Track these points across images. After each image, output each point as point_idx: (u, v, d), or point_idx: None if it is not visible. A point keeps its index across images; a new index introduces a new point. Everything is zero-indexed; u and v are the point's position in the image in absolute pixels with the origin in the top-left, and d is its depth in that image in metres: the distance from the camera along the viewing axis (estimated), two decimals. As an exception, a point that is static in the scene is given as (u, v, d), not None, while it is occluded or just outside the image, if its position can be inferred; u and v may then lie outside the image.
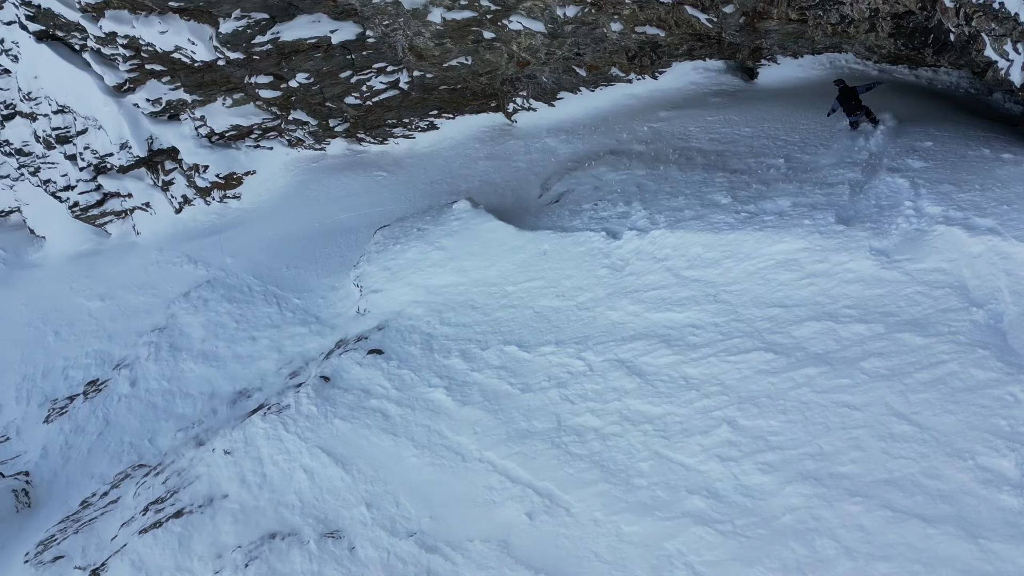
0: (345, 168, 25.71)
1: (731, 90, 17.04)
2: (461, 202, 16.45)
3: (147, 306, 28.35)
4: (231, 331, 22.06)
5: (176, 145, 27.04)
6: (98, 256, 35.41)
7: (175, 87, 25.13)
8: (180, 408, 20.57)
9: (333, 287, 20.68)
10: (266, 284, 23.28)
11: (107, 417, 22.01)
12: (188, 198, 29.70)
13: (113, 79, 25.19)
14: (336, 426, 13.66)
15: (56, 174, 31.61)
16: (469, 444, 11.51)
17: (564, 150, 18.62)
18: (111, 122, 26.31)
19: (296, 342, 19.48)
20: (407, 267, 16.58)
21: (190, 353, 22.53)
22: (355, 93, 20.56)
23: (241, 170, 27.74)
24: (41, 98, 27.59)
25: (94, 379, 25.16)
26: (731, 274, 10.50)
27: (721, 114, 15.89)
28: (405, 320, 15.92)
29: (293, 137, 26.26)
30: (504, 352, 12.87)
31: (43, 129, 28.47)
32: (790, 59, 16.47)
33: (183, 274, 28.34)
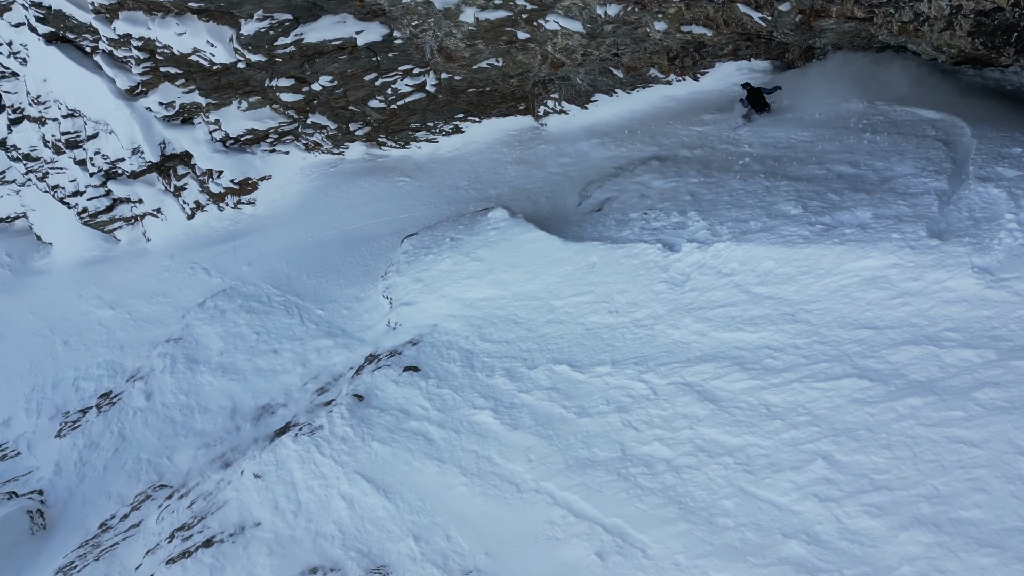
0: (365, 173, 24.99)
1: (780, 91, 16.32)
2: (497, 211, 15.73)
3: (160, 315, 27.66)
4: (251, 343, 21.34)
5: (190, 150, 26.32)
6: (107, 263, 34.70)
7: (189, 90, 24.42)
8: (199, 424, 19.85)
9: (358, 298, 19.95)
10: (286, 294, 22.56)
11: (123, 432, 21.29)
12: (201, 204, 28.99)
13: (125, 82, 24.48)
14: (375, 450, 12.92)
15: (64, 179, 30.91)
16: (524, 473, 10.78)
17: (600, 155, 17.91)
18: (123, 126, 25.60)
19: (322, 355, 18.75)
20: (441, 279, 15.85)
21: (208, 366, 21.81)
22: (379, 96, 19.85)
23: (256, 175, 27.02)
24: (50, 102, 26.88)
25: (107, 391, 24.47)
26: (810, 291, 9.78)
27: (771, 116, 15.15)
28: (441, 335, 15.18)
29: (310, 141, 25.55)
30: (554, 372, 12.15)
31: (52, 134, 27.75)
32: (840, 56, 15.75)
33: (197, 283, 27.66)
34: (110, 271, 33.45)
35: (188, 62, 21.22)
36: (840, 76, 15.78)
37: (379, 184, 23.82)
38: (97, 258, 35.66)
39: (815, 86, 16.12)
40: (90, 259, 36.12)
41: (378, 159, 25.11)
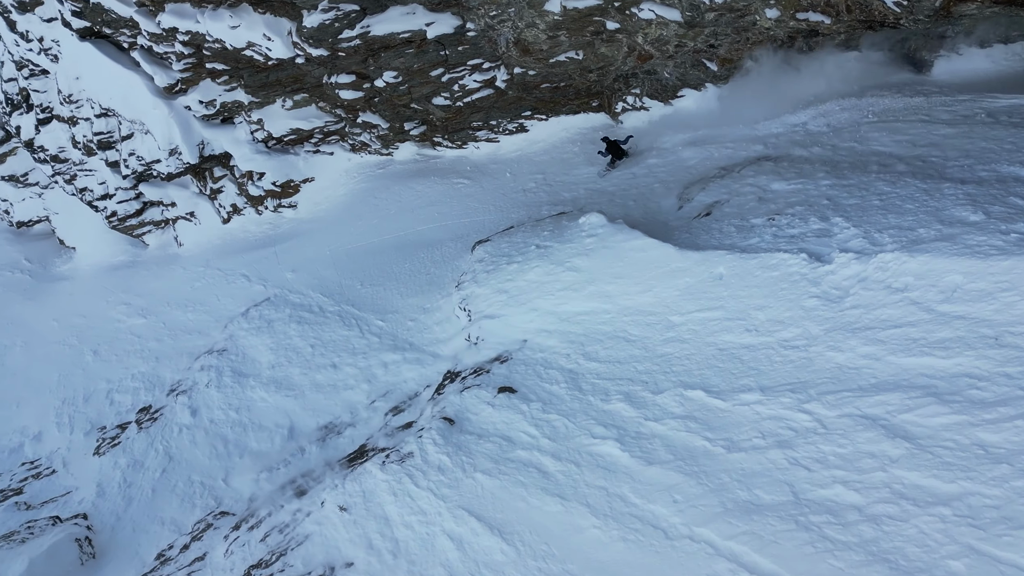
0: (417, 175, 23.75)
1: (898, 83, 15.07)
2: (591, 215, 14.48)
3: (197, 325, 26.43)
4: (306, 356, 20.11)
5: (230, 150, 25.12)
6: (135, 269, 33.48)
7: (231, 88, 23.23)
8: (254, 443, 18.62)
9: (423, 308, 18.71)
10: (340, 303, 21.33)
11: (169, 451, 20.07)
12: (238, 207, 27.79)
13: (164, 79, 23.27)
14: (480, 483, 11.66)
15: (93, 182, 29.70)
16: (670, 516, 9.51)
17: (692, 155, 16.65)
18: (160, 126, 24.39)
19: (389, 371, 17.51)
20: (529, 290, 14.60)
21: (259, 380, 20.59)
22: (445, 93, 18.62)
23: (299, 177, 25.80)
24: (83, 101, 25.67)
25: (146, 405, 23.25)
26: (1015, 311, 8.53)
27: (901, 111, 13.86)
28: (534, 352, 13.93)
29: (357, 142, 24.33)
30: (686, 398, 10.88)
31: (83, 134, 26.54)
32: (976, 49, 14.52)
33: (237, 290, 26.40)
34: (139, 277, 32.25)
35: (238, 57, 20.02)
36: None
37: (434, 186, 22.57)
38: (124, 263, 34.45)
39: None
40: (117, 265, 34.91)
41: (431, 160, 23.89)
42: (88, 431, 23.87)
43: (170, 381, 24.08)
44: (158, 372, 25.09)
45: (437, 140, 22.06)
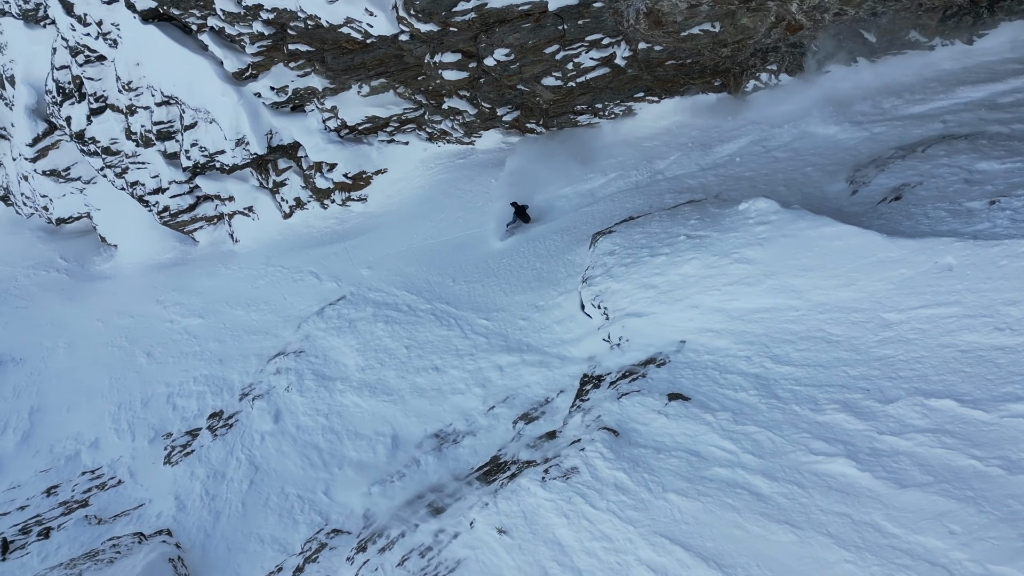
0: (503, 164, 22.20)
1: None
2: (759, 201, 12.92)
3: (263, 325, 24.91)
4: (400, 358, 18.61)
5: (300, 140, 23.63)
6: (186, 267, 32.02)
7: (304, 73, 21.74)
8: (353, 452, 17.09)
9: (536, 306, 17.16)
10: (431, 301, 19.80)
11: (253, 460, 18.58)
12: (301, 201, 26.32)
13: (235, 64, 21.79)
14: (676, 504, 10.09)
15: (146, 175, 28.21)
16: (951, 551, 7.94)
17: (847, 135, 15.11)
18: (227, 114, 22.91)
19: (507, 375, 15.96)
20: (686, 285, 13.04)
21: (348, 384, 19.08)
22: (557, 72, 17.11)
23: (371, 168, 24.30)
24: (142, 88, 24.20)
25: (216, 411, 21.79)
26: None
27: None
28: (699, 355, 12.37)
29: (436, 130, 22.81)
30: (931, 408, 9.32)
31: (141, 124, 25.06)
32: None
33: (305, 288, 24.90)
34: (192, 275, 30.76)
35: (324, 38, 18.51)
36: None
37: (527, 177, 21.03)
38: (173, 261, 32.96)
39: None
40: (164, 263, 33.43)
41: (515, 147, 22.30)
42: (152, 438, 22.42)
43: (239, 384, 22.62)
44: (224, 375, 23.63)
45: (530, 126, 20.52)
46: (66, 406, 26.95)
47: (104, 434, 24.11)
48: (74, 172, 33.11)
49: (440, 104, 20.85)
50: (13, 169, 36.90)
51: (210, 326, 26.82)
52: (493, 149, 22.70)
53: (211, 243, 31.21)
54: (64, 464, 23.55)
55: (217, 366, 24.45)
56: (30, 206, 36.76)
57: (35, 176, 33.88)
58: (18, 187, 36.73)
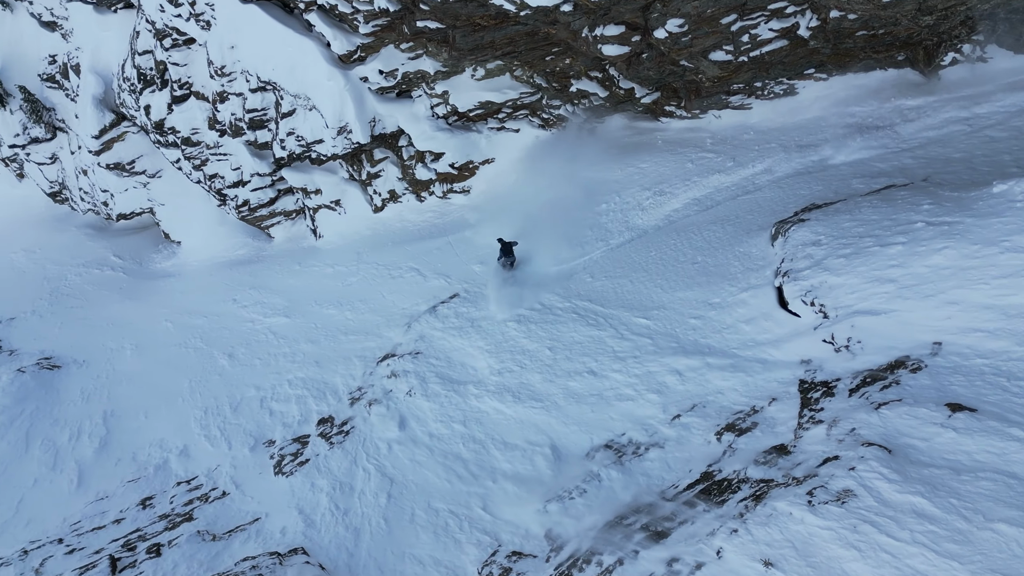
0: (633, 150, 20.56)
1: None
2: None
3: (361, 325, 23.35)
4: (544, 360, 17.04)
5: (405, 128, 22.10)
6: (263, 264, 30.50)
7: (415, 55, 20.23)
8: (506, 464, 15.52)
9: (709, 303, 15.54)
10: (570, 299, 18.23)
11: (384, 471, 17.05)
12: (396, 194, 24.81)
13: (343, 45, 20.30)
14: (1008, 536, 8.52)
15: (226, 167, 26.75)
16: None
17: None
18: (331, 100, 21.39)
19: (689, 380, 14.34)
20: (938, 278, 11.42)
21: (483, 388, 17.52)
22: (728, 46, 15.55)
23: (479, 158, 22.77)
24: (236, 74, 22.71)
25: (325, 416, 20.30)
26: None
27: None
28: (969, 358, 10.70)
29: (552, 116, 21.27)
30: None
31: (232, 113, 23.56)
32: None
33: (407, 285, 23.34)
34: (270, 273, 29.25)
35: (457, 14, 16.98)
36: None
37: (665, 163, 19.44)
38: (246, 258, 31.48)
39: None
40: (235, 260, 31.96)
41: (647, 133, 20.74)
42: (253, 446, 20.95)
43: (345, 388, 21.13)
44: (323, 378, 22.15)
45: (669, 109, 18.94)
46: (143, 411, 25.55)
47: (193, 441, 22.69)
48: (139, 165, 31.69)
49: (565, 87, 19.31)
50: (71, 163, 35.54)
51: (298, 326, 25.36)
52: (617, 135, 21.06)
53: (288, 239, 29.74)
54: (153, 473, 22.13)
55: (314, 368, 22.99)
56: (88, 201, 35.40)
57: (97, 170, 32.47)
58: (75, 182, 35.38)
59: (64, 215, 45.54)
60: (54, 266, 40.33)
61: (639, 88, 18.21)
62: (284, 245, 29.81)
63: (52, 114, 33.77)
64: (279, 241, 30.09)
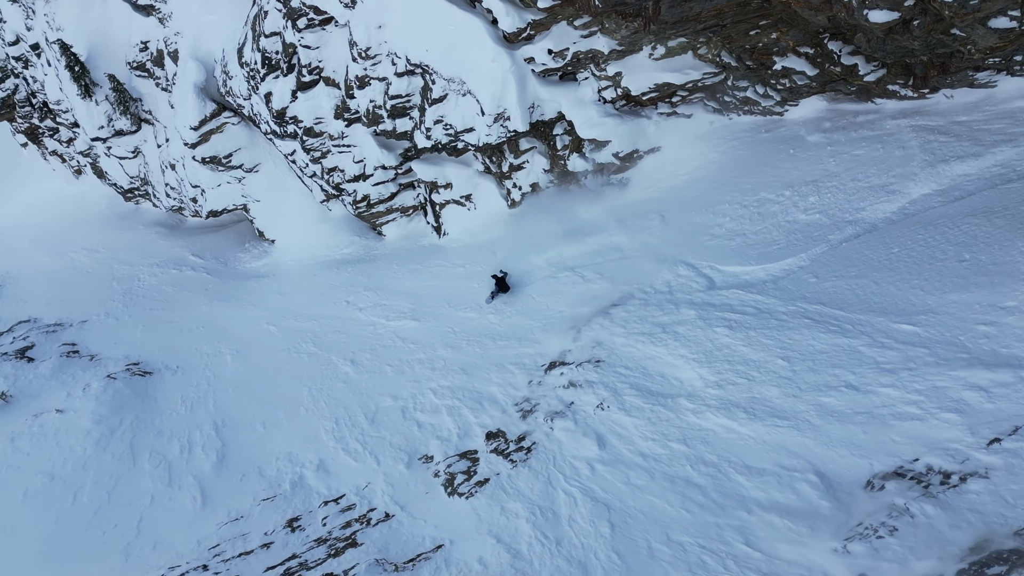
0: (840, 135, 18.46)
1: None
2: None
3: (510, 329, 21.33)
4: (779, 372, 14.98)
5: (568, 113, 20.19)
6: (374, 263, 28.67)
7: (589, 33, 18.32)
8: (757, 491, 13.49)
9: (1000, 307, 13.37)
10: (794, 302, 16.19)
11: (592, 495, 15.13)
12: (539, 187, 22.90)
13: (513, 22, 18.44)
14: None
15: (348, 160, 24.91)
16: None
17: None
18: (491, 84, 19.46)
19: (1000, 397, 12.22)
20: None
21: (700, 402, 15.52)
22: (1015, 11, 13.53)
23: (645, 146, 20.81)
24: (381, 56, 20.83)
25: (493, 431, 18.38)
26: None
27: None
28: None
29: (735, 99, 19.29)
30: None
31: (370, 99, 21.63)
32: None
33: (562, 287, 21.24)
34: (387, 273, 27.39)
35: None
36: None
37: (885, 148, 17.35)
38: (355, 258, 29.63)
39: None
40: (342, 259, 30.11)
41: (851, 116, 18.62)
42: (408, 462, 19.17)
43: (505, 399, 19.26)
44: (475, 386, 20.29)
45: (893, 88, 16.92)
46: (259, 421, 23.83)
47: (329, 454, 20.94)
48: (236, 159, 29.98)
49: (763, 65, 17.34)
50: (155, 157, 33.93)
51: (431, 330, 23.53)
52: (811, 118, 19.02)
53: (403, 237, 27.93)
54: (291, 491, 20.38)
55: (460, 376, 21.14)
56: (174, 198, 33.82)
57: (189, 164, 30.81)
58: (161, 177, 33.73)
59: (129, 213, 44.05)
60: (122, 266, 38.82)
61: (863, 65, 16.20)
62: (398, 243, 28.01)
63: (139, 105, 32.18)
64: (392, 239, 28.29)
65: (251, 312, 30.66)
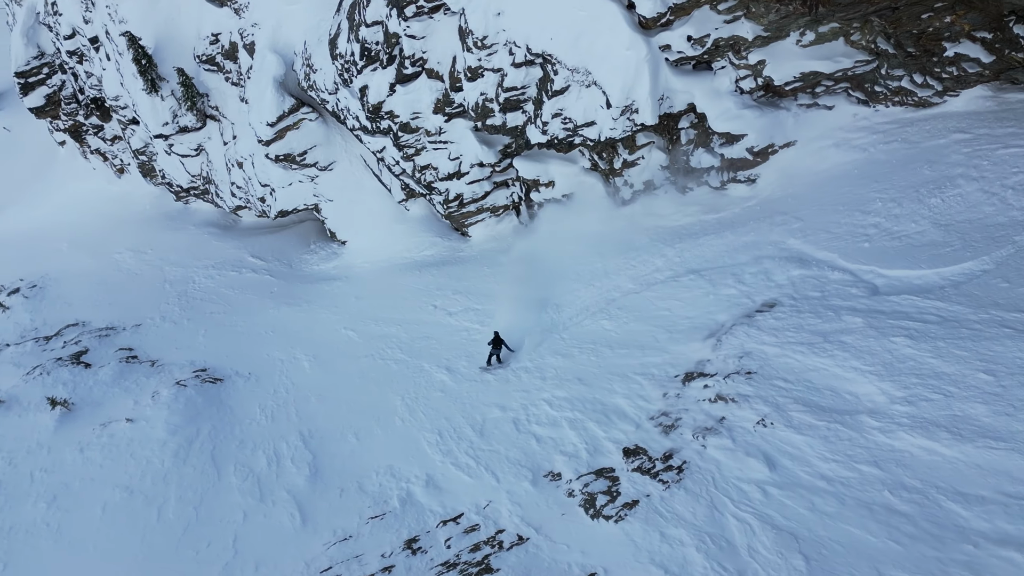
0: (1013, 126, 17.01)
1: None
2: None
3: (629, 336, 19.85)
4: (984, 388, 13.55)
5: (701, 106, 18.86)
6: (462, 265, 27.30)
7: (733, 18, 16.99)
8: (981, 523, 12.06)
9: None
10: (986, 309, 14.77)
11: (772, 522, 13.76)
12: (653, 185, 21.57)
13: (653, 7, 17.15)
14: None
15: (443, 158, 23.65)
16: None
17: None
18: (621, 75, 18.18)
19: None
20: None
21: (887, 420, 14.09)
22: None
23: (781, 140, 19.42)
24: (498, 45, 19.55)
25: (630, 446, 17.02)
26: None
27: None
28: None
29: (886, 88, 17.90)
30: None
31: (481, 92, 20.31)
32: None
33: (684, 291, 19.79)
34: (477, 276, 26.06)
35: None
36: None
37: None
38: (439, 260, 28.28)
39: None
40: (424, 261, 28.77)
41: (1015, 107, 17.17)
42: (532, 479, 17.91)
43: (637, 412, 17.95)
44: (597, 397, 19.04)
45: (1079, 76, 15.54)
46: (350, 431, 22.69)
47: (437, 469, 19.74)
48: (310, 157, 28.78)
49: (928, 52, 15.96)
50: (220, 154, 32.79)
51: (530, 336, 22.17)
52: (973, 111, 17.58)
53: (491, 237, 26.66)
54: (400, 508, 19.09)
55: (577, 386, 19.85)
56: (240, 197, 32.61)
57: (259, 162, 29.65)
58: (226, 175, 32.61)
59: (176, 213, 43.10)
60: (174, 268, 37.86)
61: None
62: (486, 244, 26.73)
63: (205, 100, 31.10)
64: (478, 240, 27.02)
65: (325, 316, 29.54)
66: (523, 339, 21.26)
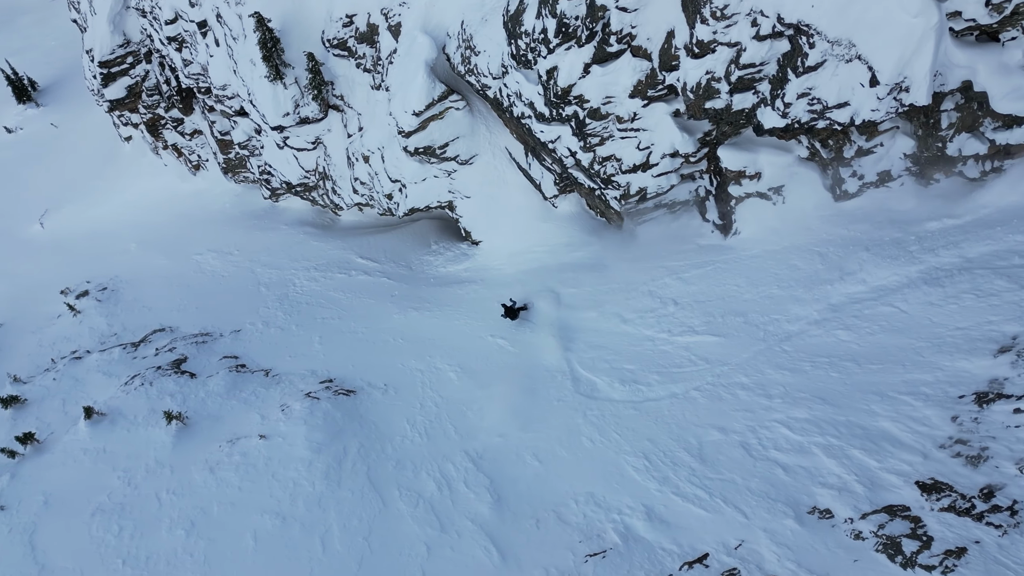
0: None
1: None
2: None
3: (875, 351, 16.99)
4: None
5: (982, 84, 16.23)
6: (623, 267, 25.06)
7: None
8: None
9: None
10: None
11: None
12: (889, 176, 19.00)
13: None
14: None
15: (630, 148, 20.96)
16: None
17: None
18: (896, 47, 15.17)
19: None
20: None
21: None
22: None
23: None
24: (740, 16, 16.76)
25: (924, 480, 14.47)
26: None
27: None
28: None
29: None
30: None
31: (708, 70, 17.47)
32: None
33: (943, 299, 17.31)
34: (658, 281, 23.74)
35: None
36: None
37: None
38: (593, 261, 25.91)
39: None
40: (574, 264, 26.16)
41: None
42: (794, 516, 15.44)
43: (915, 439, 15.39)
44: (852, 419, 16.58)
45: None
46: (528, 452, 20.58)
47: (656, 500, 17.50)
48: (451, 150, 26.53)
49: None
50: (340, 148, 30.67)
51: (742, 347, 19.89)
52: None
53: (664, 236, 24.24)
54: (624, 545, 17.00)
55: (821, 406, 17.35)
56: (363, 194, 30.49)
57: (390, 155, 27.51)
58: (348, 170, 30.49)
59: (263, 212, 41.22)
60: (267, 270, 35.85)
61: None
62: (657, 244, 24.23)
63: (329, 89, 29.04)
64: (646, 239, 24.50)
65: (463, 323, 27.35)
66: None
